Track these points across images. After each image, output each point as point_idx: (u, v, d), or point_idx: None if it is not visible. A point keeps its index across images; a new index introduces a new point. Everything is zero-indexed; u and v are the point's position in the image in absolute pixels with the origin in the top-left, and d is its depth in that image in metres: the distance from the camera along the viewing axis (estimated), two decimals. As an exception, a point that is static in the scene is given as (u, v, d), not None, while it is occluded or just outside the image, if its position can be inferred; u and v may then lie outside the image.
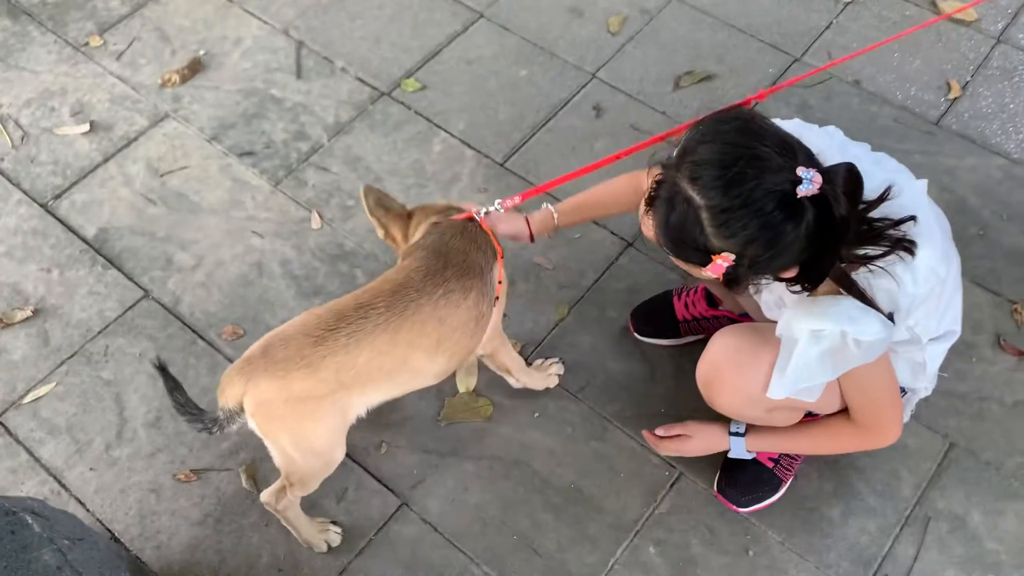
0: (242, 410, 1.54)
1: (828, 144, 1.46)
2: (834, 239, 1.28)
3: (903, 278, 1.38)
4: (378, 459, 1.97)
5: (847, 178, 1.27)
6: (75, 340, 2.16)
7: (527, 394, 2.04)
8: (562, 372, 2.06)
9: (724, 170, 1.25)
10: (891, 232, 1.35)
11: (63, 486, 1.96)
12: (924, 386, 1.71)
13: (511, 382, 2.00)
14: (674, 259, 1.39)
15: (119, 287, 2.25)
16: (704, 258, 1.31)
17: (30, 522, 1.46)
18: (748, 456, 1.81)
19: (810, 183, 1.22)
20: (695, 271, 1.38)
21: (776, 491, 1.86)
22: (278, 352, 1.51)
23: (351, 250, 2.30)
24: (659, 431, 1.87)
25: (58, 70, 2.70)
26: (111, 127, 2.57)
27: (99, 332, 2.18)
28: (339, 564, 1.84)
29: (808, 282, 1.36)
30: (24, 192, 2.44)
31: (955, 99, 2.54)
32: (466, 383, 2.06)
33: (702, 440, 1.82)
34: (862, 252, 1.35)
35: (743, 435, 1.77)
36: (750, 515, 1.87)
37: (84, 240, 2.34)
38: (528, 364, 2.04)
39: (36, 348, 2.15)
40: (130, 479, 1.97)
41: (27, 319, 2.20)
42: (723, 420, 1.79)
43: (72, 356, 2.14)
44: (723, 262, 1.29)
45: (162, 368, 1.59)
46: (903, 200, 1.37)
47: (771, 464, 1.85)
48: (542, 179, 2.36)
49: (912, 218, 1.37)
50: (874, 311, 1.39)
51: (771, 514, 1.87)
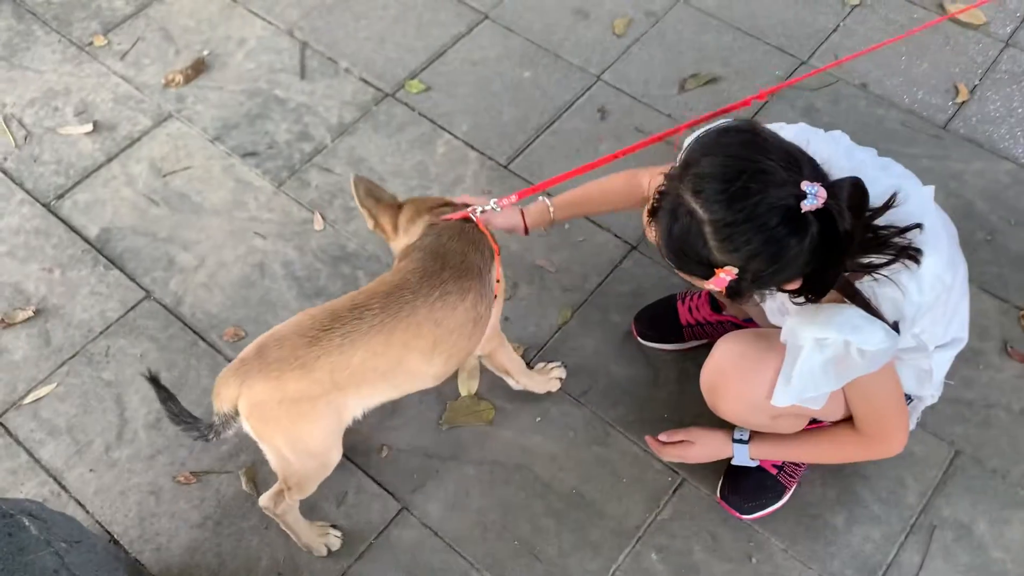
0: (237, 413, 1.53)
1: (834, 150, 1.44)
2: (838, 253, 1.27)
3: (908, 287, 1.37)
4: (379, 463, 1.96)
5: (852, 192, 1.25)
6: (76, 340, 2.16)
7: (529, 398, 2.02)
8: (564, 376, 2.05)
9: (727, 184, 1.24)
10: (896, 240, 1.33)
11: (63, 487, 1.95)
12: (930, 394, 1.69)
13: (511, 383, 1.99)
14: (677, 271, 1.38)
15: (121, 287, 2.25)
16: (707, 271, 1.30)
17: (27, 524, 1.45)
18: (752, 464, 1.80)
19: (814, 198, 1.21)
20: (698, 283, 1.37)
21: (780, 498, 1.85)
22: (272, 353, 1.50)
23: (353, 252, 2.29)
24: (662, 437, 1.85)
25: (62, 70, 2.70)
26: (114, 127, 2.56)
27: (100, 333, 2.17)
28: (339, 568, 1.83)
29: (812, 294, 1.35)
30: (27, 192, 2.43)
31: (963, 103, 2.52)
32: (468, 386, 2.05)
33: (705, 446, 1.80)
34: (867, 261, 1.33)
35: (747, 442, 1.76)
36: (753, 522, 1.86)
37: (86, 240, 2.33)
38: (530, 368, 2.03)
39: (37, 348, 2.15)
40: (130, 481, 1.96)
41: (28, 319, 2.19)
42: (727, 426, 1.78)
43: (73, 357, 2.14)
44: (726, 276, 1.28)
45: (153, 379, 1.58)
46: (909, 207, 1.36)
47: (775, 471, 1.83)
48: (545, 181, 2.35)
49: (918, 226, 1.35)
50: (878, 320, 1.37)
51: (774, 521, 1.86)
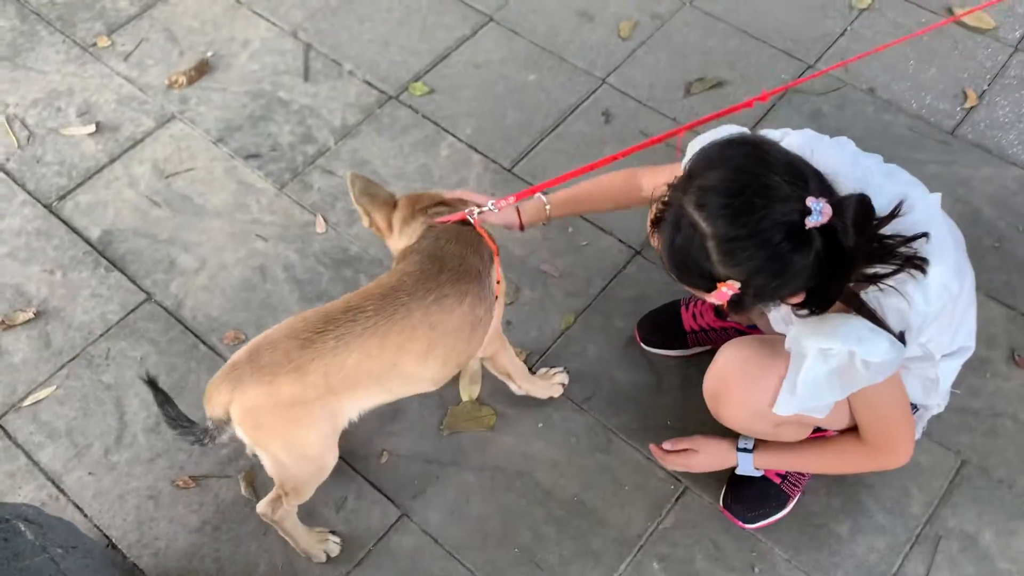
0: (230, 418, 1.51)
1: (840, 157, 1.43)
2: (842, 268, 1.26)
3: (914, 297, 1.35)
4: (379, 468, 1.94)
5: (858, 209, 1.23)
6: (76, 343, 2.15)
7: (531, 404, 2.01)
8: (567, 382, 2.03)
9: (731, 198, 1.22)
10: (902, 250, 1.31)
11: (61, 491, 1.94)
12: (936, 403, 1.68)
13: (513, 388, 1.98)
14: (679, 282, 1.36)
15: (121, 290, 2.24)
16: (709, 284, 1.29)
17: (23, 529, 1.44)
18: (756, 473, 1.78)
19: (819, 214, 1.20)
20: (700, 295, 1.35)
21: (783, 507, 1.83)
22: (265, 356, 1.48)
23: (355, 255, 2.28)
24: (666, 445, 1.84)
25: (66, 70, 2.69)
26: (117, 128, 2.56)
27: (101, 335, 2.16)
28: (338, 574, 1.82)
29: (815, 308, 1.33)
30: (29, 193, 2.43)
31: (971, 108, 2.50)
32: (469, 391, 2.03)
33: (709, 455, 1.79)
34: (872, 271, 1.32)
35: (751, 451, 1.74)
36: (756, 531, 1.84)
37: (88, 242, 2.33)
38: (532, 373, 2.02)
39: (37, 350, 2.14)
40: (129, 484, 1.95)
41: (29, 321, 2.18)
42: (731, 435, 1.76)
43: (73, 359, 2.13)
44: (728, 290, 1.27)
45: (151, 382, 1.56)
46: (916, 215, 1.34)
47: (778, 480, 1.82)
48: (549, 185, 2.34)
49: (924, 235, 1.33)
50: (884, 332, 1.35)
51: (778, 530, 1.84)
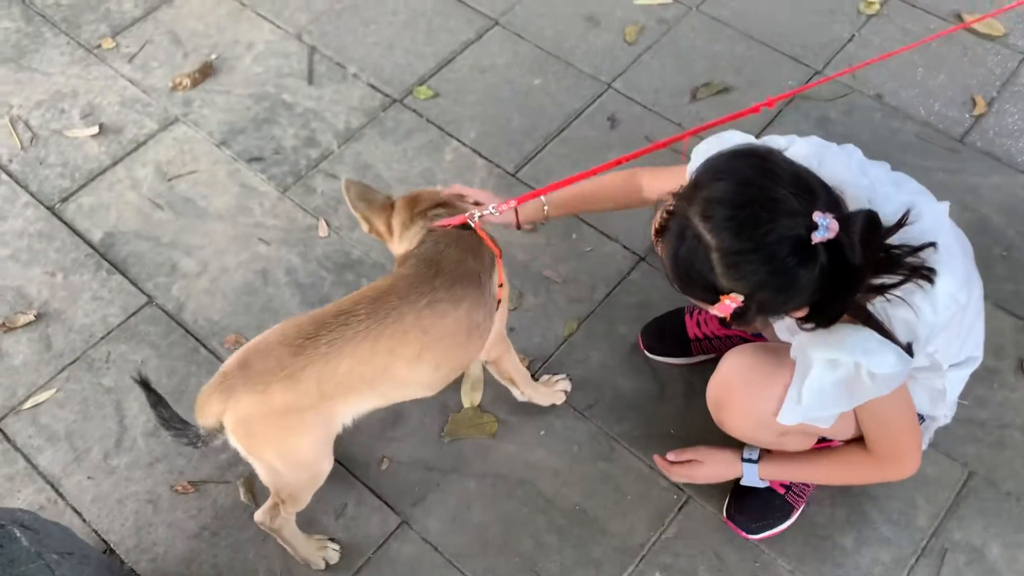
0: (222, 428, 1.49)
1: (847, 165, 1.41)
2: (848, 284, 1.24)
3: (922, 307, 1.33)
4: (379, 475, 1.93)
5: (865, 225, 1.21)
6: (77, 346, 2.14)
7: (533, 411, 1.99)
8: (569, 389, 2.02)
9: (737, 211, 1.21)
10: (909, 260, 1.30)
11: (60, 495, 1.93)
12: (943, 414, 1.66)
13: (515, 394, 1.96)
14: (682, 292, 1.35)
15: (123, 293, 2.23)
16: (712, 296, 1.27)
17: (18, 535, 1.43)
18: (761, 484, 1.76)
19: (826, 230, 1.18)
20: (703, 306, 1.34)
21: (787, 518, 1.81)
22: (256, 364, 1.46)
23: (358, 259, 2.26)
24: (670, 456, 1.82)
25: (70, 72, 2.69)
26: (121, 130, 2.55)
27: (101, 338, 2.15)
28: (337, 582, 1.81)
29: (820, 322, 1.31)
30: (31, 194, 2.42)
31: (980, 115, 2.47)
32: (471, 398, 2.01)
33: (714, 466, 1.77)
34: (879, 282, 1.30)
35: (756, 462, 1.72)
36: (760, 542, 1.82)
37: (90, 244, 2.32)
38: (535, 380, 2.00)
39: (38, 353, 2.13)
40: (128, 489, 1.94)
41: (30, 323, 2.17)
42: (736, 445, 1.74)
43: (74, 362, 2.12)
44: (731, 303, 1.26)
45: (143, 382, 1.54)
46: (923, 224, 1.32)
47: (783, 490, 1.79)
48: (554, 190, 2.32)
49: (932, 245, 1.32)
50: (891, 344, 1.33)
51: (781, 541, 1.82)
